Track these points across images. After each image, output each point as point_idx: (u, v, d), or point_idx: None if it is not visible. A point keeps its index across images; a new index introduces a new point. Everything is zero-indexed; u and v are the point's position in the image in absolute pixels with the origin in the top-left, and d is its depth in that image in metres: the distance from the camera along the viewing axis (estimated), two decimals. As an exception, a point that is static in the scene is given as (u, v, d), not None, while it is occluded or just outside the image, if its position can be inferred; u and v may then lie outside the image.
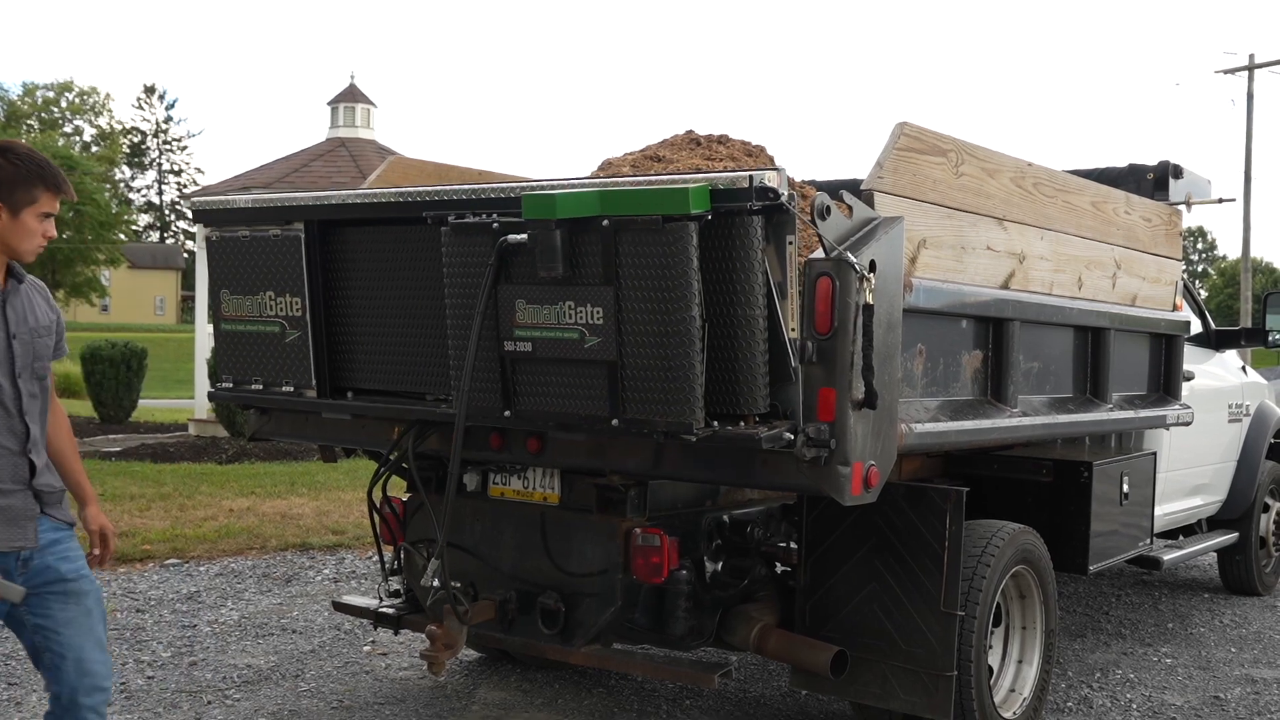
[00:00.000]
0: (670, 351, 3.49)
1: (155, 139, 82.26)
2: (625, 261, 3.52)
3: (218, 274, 4.69)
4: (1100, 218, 5.26)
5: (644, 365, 3.57)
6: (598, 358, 3.63)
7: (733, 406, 3.56)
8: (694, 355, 3.47)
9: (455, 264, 3.89)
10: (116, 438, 15.50)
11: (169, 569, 7.79)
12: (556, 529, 4.32)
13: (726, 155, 5.18)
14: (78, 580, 3.40)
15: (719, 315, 3.51)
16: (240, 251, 4.56)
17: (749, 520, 4.50)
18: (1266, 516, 7.68)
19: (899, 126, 4.00)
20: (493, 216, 3.80)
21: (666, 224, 3.41)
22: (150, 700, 5.15)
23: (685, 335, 3.46)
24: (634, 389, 3.61)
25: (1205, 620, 7.09)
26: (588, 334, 3.63)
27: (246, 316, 4.60)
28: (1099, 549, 5.16)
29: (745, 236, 3.47)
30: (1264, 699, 5.57)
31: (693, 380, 3.49)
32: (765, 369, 3.54)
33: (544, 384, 3.82)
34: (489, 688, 5.40)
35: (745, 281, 3.49)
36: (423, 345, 4.19)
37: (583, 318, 3.64)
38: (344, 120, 18.85)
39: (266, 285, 4.54)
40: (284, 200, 4.55)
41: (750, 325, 3.50)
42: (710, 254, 3.49)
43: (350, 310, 4.40)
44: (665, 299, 3.48)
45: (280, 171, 17.27)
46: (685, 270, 3.43)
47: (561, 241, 3.56)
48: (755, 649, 4.40)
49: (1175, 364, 6.02)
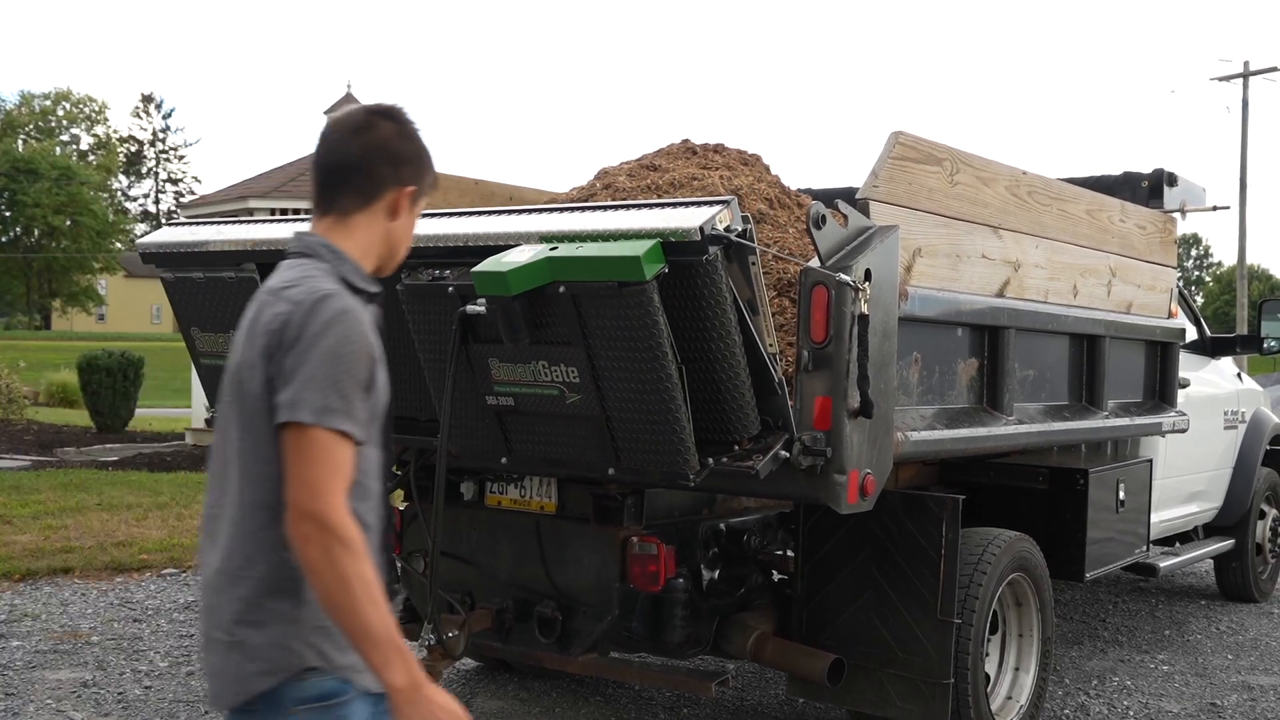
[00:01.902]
0: (653, 405, 3.45)
1: (153, 148, 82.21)
2: (590, 323, 3.43)
3: (184, 313, 4.55)
4: (1095, 225, 5.27)
5: (630, 419, 3.53)
6: (581, 413, 3.60)
7: (724, 434, 3.56)
8: (677, 405, 3.43)
9: (419, 320, 3.80)
10: (113, 447, 15.47)
11: (166, 578, 7.79)
12: (553, 538, 4.33)
13: (722, 164, 5.19)
14: None
15: (696, 355, 3.45)
16: (200, 292, 4.42)
17: (746, 528, 4.50)
18: (1262, 523, 7.68)
19: (894, 135, 4.01)
20: (448, 277, 3.66)
21: (624, 289, 3.31)
22: (148, 710, 5.15)
23: (665, 388, 3.40)
24: (624, 440, 3.58)
25: (1202, 627, 7.10)
26: (567, 391, 3.59)
27: (223, 352, 4.41)
28: (1095, 556, 5.16)
29: (708, 279, 3.36)
30: (1260, 706, 5.58)
31: (680, 430, 3.46)
32: (751, 393, 3.52)
33: (537, 433, 3.79)
34: (486, 696, 5.40)
35: (716, 319, 3.40)
36: (409, 371, 4.07)
37: (559, 376, 3.57)
38: (341, 129, 18.84)
39: (234, 323, 4.34)
40: (232, 244, 4.32)
41: (729, 359, 3.44)
42: (676, 298, 3.39)
43: None
44: (637, 356, 3.40)
45: (277, 180, 17.27)
46: (652, 329, 3.34)
47: (523, 310, 3.46)
48: (752, 657, 4.40)
49: (1171, 371, 6.03)
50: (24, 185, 58.12)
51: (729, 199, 3.42)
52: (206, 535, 2.19)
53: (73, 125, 73.05)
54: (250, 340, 2.11)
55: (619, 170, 5.28)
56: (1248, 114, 35.53)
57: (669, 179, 4.95)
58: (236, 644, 2.07)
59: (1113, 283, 5.42)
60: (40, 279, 63.47)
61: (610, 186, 5.08)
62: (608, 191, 5.05)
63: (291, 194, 16.57)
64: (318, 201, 2.23)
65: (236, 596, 2.08)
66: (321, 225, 2.23)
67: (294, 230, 2.33)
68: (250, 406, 2.08)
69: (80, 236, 60.96)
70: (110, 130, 76.76)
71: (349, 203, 2.21)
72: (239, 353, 2.14)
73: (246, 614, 2.08)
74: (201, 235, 4.51)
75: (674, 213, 3.42)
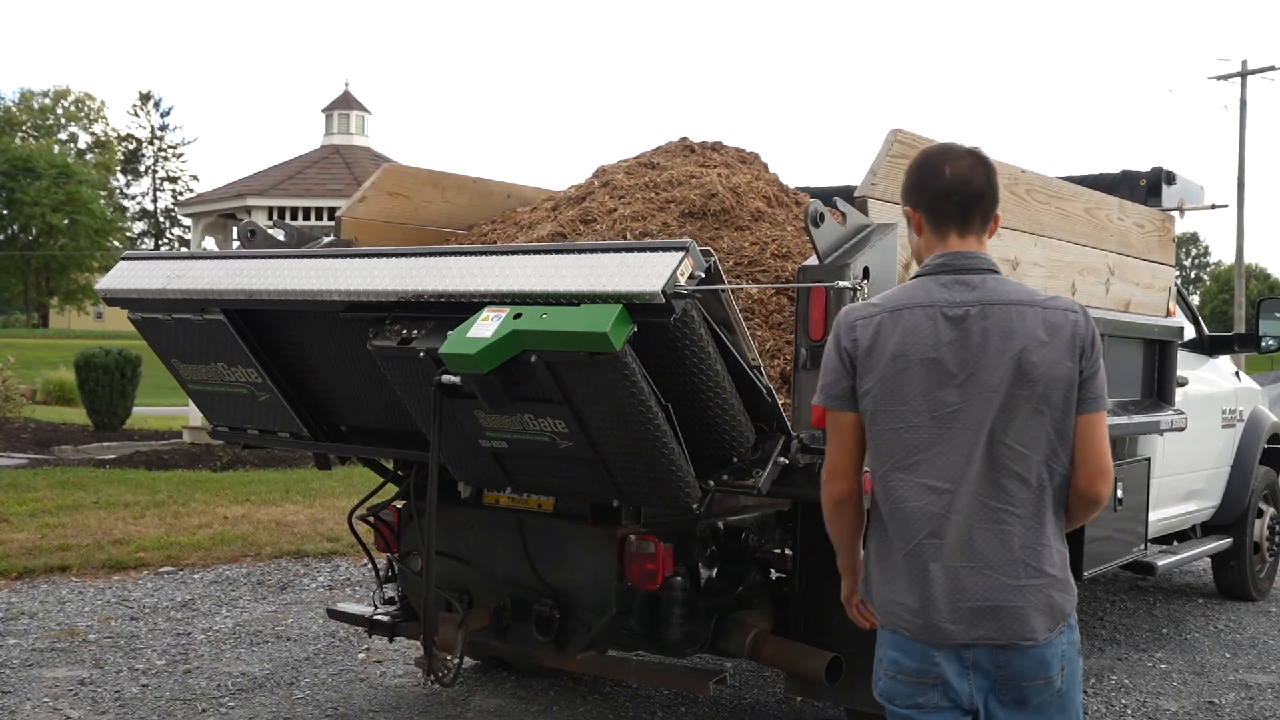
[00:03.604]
0: (644, 449, 3.43)
1: (150, 146, 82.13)
2: (568, 385, 3.38)
3: (160, 348, 4.46)
4: (1093, 224, 5.27)
5: (624, 460, 3.52)
6: (576, 456, 3.58)
7: (721, 449, 3.56)
8: (670, 447, 3.42)
9: (396, 377, 3.73)
10: (111, 445, 15.48)
11: (163, 576, 7.78)
12: (551, 536, 4.32)
13: (720, 162, 5.19)
14: None
15: (681, 391, 3.42)
16: (170, 331, 4.33)
17: (743, 527, 4.50)
18: (1260, 522, 7.69)
19: (892, 133, 4.01)
20: (415, 339, 3.57)
21: (595, 357, 3.23)
22: (144, 708, 5.14)
23: (654, 434, 3.38)
24: (623, 478, 3.59)
25: (1200, 626, 7.10)
26: (559, 439, 3.56)
27: (209, 380, 4.43)
28: (1093, 555, 5.16)
29: (681, 331, 3.27)
30: (1258, 704, 5.58)
31: (676, 467, 3.46)
32: (741, 408, 3.49)
33: (536, 468, 3.78)
34: (484, 695, 5.39)
35: (696, 358, 3.34)
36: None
37: (546, 426, 3.54)
38: (339, 127, 18.84)
39: (213, 358, 4.26)
40: (191, 293, 4.14)
41: (715, 387, 3.40)
42: (652, 350, 3.31)
43: (312, 369, 4.19)
44: (621, 410, 3.35)
45: (275, 179, 17.25)
46: (631, 388, 3.28)
47: (499, 378, 3.39)
48: (750, 655, 4.39)
49: (1169, 370, 6.02)
50: (22, 184, 58.10)
51: (685, 243, 3.23)
52: (989, 516, 2.56)
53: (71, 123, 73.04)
54: (1055, 342, 2.60)
55: (617, 168, 5.28)
56: (1246, 113, 35.59)
57: (667, 177, 4.95)
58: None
59: (1111, 281, 5.42)
60: (38, 277, 63.48)
61: (608, 184, 5.08)
62: (606, 189, 5.04)
63: (289, 192, 16.57)
64: (965, 224, 2.70)
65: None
66: (969, 243, 2.71)
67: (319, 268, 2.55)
68: (1057, 394, 2.60)
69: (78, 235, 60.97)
70: (108, 128, 76.80)
71: (983, 225, 2.74)
72: (1040, 353, 2.58)
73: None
74: (158, 280, 4.25)
75: (634, 263, 3.24)
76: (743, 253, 4.41)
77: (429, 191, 5.46)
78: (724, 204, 4.64)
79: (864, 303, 2.74)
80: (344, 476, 11.61)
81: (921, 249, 2.78)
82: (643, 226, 4.63)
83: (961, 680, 2.58)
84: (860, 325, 2.64)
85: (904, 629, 2.62)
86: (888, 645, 2.66)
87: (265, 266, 4.02)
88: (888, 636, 2.67)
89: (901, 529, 2.60)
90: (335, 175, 17.21)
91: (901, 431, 2.58)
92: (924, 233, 2.75)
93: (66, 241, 61.45)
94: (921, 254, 2.78)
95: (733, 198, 4.68)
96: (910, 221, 2.80)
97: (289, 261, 4.03)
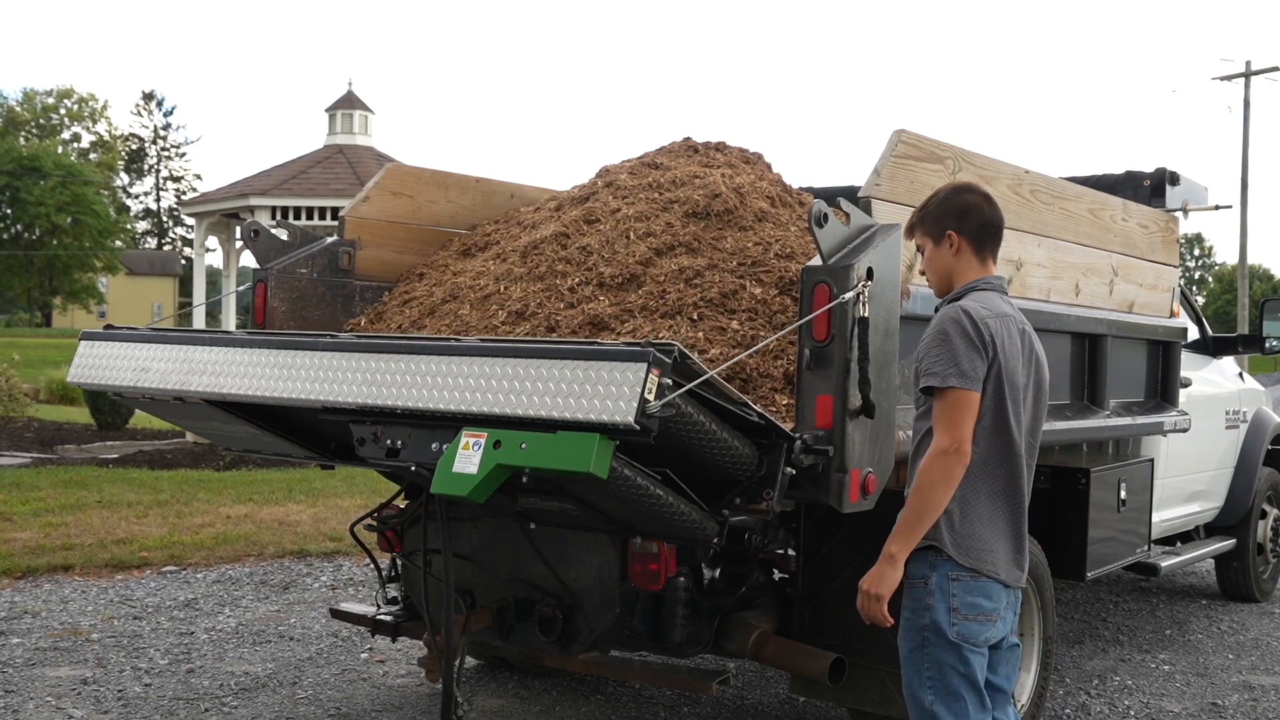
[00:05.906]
0: (652, 515, 3.49)
1: (154, 145, 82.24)
2: (567, 485, 3.45)
3: (153, 412, 4.50)
4: (1097, 224, 5.26)
5: (636, 520, 3.64)
6: (589, 520, 3.72)
7: (729, 475, 3.55)
8: (677, 508, 3.47)
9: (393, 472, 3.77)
10: (114, 444, 15.48)
11: (166, 576, 7.79)
12: (554, 536, 4.32)
13: (724, 162, 5.19)
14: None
15: (682, 458, 3.41)
16: (158, 406, 4.35)
17: (747, 527, 4.48)
18: (1264, 523, 7.68)
19: (896, 134, 4.01)
20: (402, 452, 3.54)
21: (584, 474, 3.13)
22: (147, 708, 5.15)
23: (658, 505, 3.43)
24: (640, 526, 3.72)
25: (1203, 627, 7.09)
26: (570, 510, 3.69)
27: (209, 429, 4.53)
28: (1096, 555, 5.16)
29: (667, 432, 3.18)
30: (1262, 706, 5.57)
31: (687, 519, 3.53)
32: (742, 443, 3.46)
33: (552, 518, 3.94)
34: (486, 694, 5.39)
35: (690, 439, 3.31)
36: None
37: (554, 504, 3.69)
38: (342, 127, 18.86)
39: (208, 418, 4.27)
40: (165, 391, 4.02)
41: (715, 446, 3.38)
42: (643, 447, 3.22)
43: (316, 421, 4.04)
44: (622, 500, 3.42)
45: (278, 178, 17.26)
46: (625, 485, 3.29)
47: (500, 490, 3.35)
48: (753, 656, 4.39)
49: (1172, 370, 6.02)
50: (27, 184, 58.16)
51: (646, 353, 3.01)
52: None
53: (74, 123, 73.12)
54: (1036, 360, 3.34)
55: (620, 168, 5.27)
56: (1249, 113, 35.55)
57: (670, 177, 4.95)
58: None
59: (1115, 282, 5.41)
60: (42, 276, 63.51)
61: (612, 184, 5.08)
62: (609, 189, 5.04)
63: (292, 192, 16.57)
64: (995, 252, 3.35)
65: None
66: (992, 268, 3.35)
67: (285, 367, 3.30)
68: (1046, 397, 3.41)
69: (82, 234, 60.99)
70: (111, 128, 76.87)
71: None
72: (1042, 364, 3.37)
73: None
74: (127, 375, 4.12)
75: (603, 379, 3.06)
76: (746, 253, 4.40)
77: (432, 191, 5.46)
78: (727, 204, 4.64)
79: (978, 306, 3.19)
80: (346, 476, 11.62)
81: (954, 267, 3.29)
82: (646, 226, 4.63)
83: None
84: (991, 322, 3.16)
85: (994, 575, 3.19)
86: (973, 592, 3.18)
87: (230, 362, 3.87)
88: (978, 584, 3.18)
89: (1013, 489, 3.23)
90: (338, 175, 17.22)
91: (1015, 409, 3.21)
92: (962, 254, 3.27)
93: (70, 241, 61.50)
94: (951, 271, 3.29)
95: (736, 198, 4.68)
96: (949, 243, 3.27)
97: (255, 353, 3.85)
